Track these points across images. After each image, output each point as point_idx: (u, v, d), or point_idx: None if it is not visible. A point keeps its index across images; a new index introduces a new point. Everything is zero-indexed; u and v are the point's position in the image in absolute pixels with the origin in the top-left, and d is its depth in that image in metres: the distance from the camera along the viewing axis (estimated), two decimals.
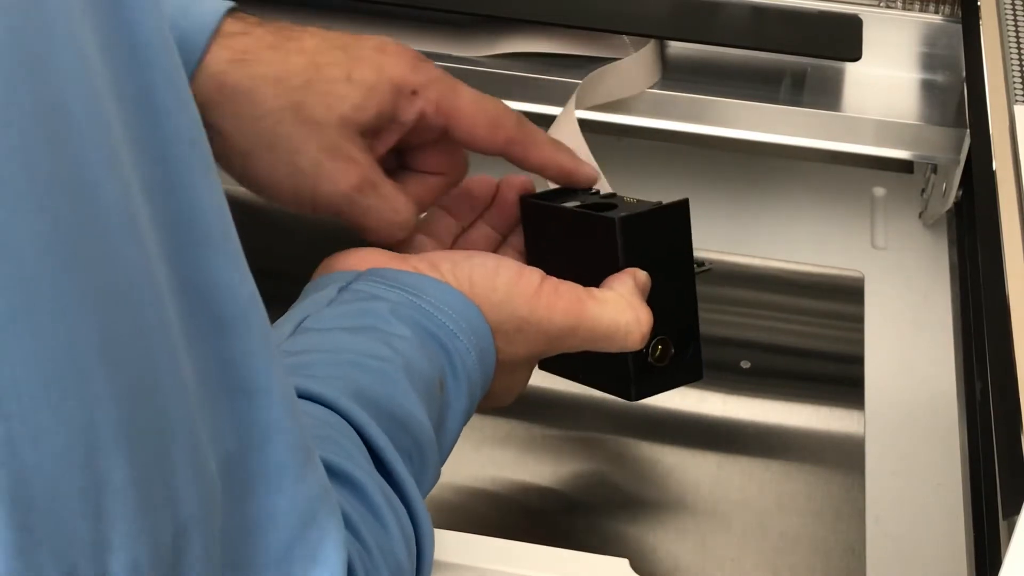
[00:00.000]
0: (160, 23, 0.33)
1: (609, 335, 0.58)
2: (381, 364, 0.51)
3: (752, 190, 0.85)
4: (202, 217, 0.34)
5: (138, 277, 0.32)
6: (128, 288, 0.32)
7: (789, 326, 0.78)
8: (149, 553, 0.33)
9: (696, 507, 0.68)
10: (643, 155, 0.86)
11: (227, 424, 0.36)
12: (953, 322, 0.76)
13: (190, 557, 0.34)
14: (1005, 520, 0.54)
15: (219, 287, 0.35)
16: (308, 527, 0.39)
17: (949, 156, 0.76)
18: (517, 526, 0.67)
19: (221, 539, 0.36)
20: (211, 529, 0.35)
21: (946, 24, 0.81)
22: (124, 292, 0.32)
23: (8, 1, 0.29)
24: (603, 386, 0.64)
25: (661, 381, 0.63)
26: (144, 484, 0.32)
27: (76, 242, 0.30)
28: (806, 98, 0.77)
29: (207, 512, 0.35)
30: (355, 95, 0.61)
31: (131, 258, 0.32)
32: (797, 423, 0.73)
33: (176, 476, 0.34)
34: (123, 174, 0.32)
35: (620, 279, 0.60)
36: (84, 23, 0.31)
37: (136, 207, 0.32)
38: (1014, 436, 0.53)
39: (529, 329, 0.57)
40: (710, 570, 0.65)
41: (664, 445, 0.71)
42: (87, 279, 0.30)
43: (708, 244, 0.81)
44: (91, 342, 0.31)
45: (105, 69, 0.31)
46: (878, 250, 0.82)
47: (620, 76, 0.76)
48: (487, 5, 0.79)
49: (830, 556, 0.66)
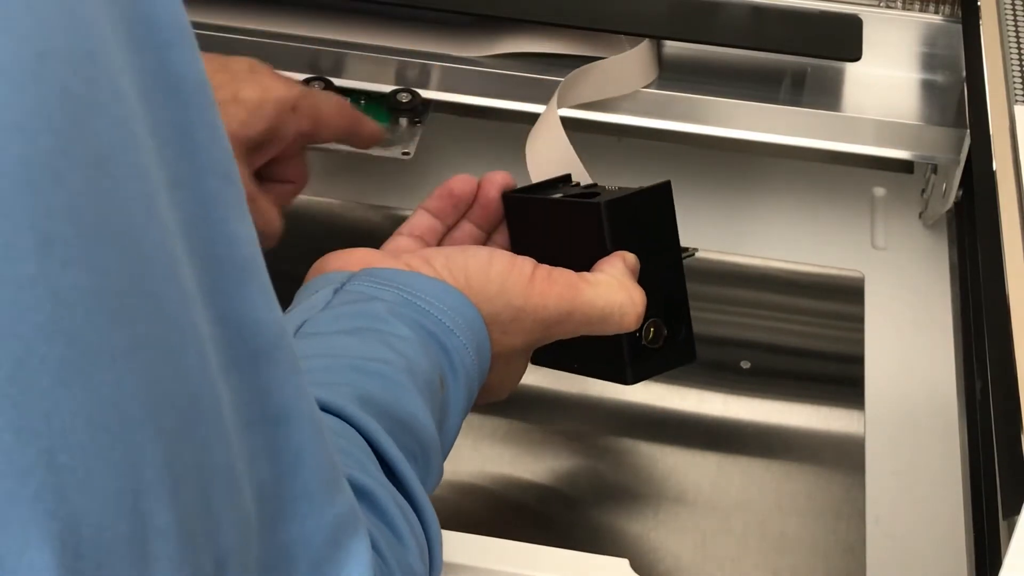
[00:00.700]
0: (196, 58, 0.33)
1: (604, 317, 0.58)
2: (383, 367, 0.51)
3: (752, 190, 0.85)
4: (237, 250, 0.35)
5: (180, 319, 0.32)
6: (171, 331, 0.32)
7: (789, 326, 0.78)
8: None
9: (696, 507, 0.68)
10: (643, 155, 0.86)
11: (261, 453, 0.36)
12: (953, 322, 0.76)
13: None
14: (1005, 520, 0.54)
15: (253, 319, 0.35)
16: (337, 547, 0.39)
17: (949, 156, 0.76)
18: (517, 526, 0.67)
19: (256, 567, 0.36)
20: (247, 559, 0.36)
21: (946, 24, 0.81)
22: (167, 336, 0.32)
23: (60, 57, 0.29)
24: (598, 373, 0.64)
25: (656, 364, 0.63)
26: (187, 523, 0.33)
27: (123, 293, 0.30)
28: (806, 98, 0.77)
29: (244, 542, 0.35)
30: (242, 114, 0.65)
31: (173, 301, 0.32)
32: (797, 423, 0.73)
33: (216, 510, 0.34)
34: (163, 217, 0.32)
35: (610, 262, 0.60)
36: (125, 64, 0.31)
37: (175, 247, 0.32)
38: (1014, 436, 0.53)
39: (525, 318, 0.58)
40: (710, 570, 0.65)
41: (664, 445, 0.71)
42: (133, 328, 0.31)
43: (708, 244, 0.81)
44: (136, 389, 0.31)
45: (143, 108, 0.32)
46: (878, 250, 0.82)
47: (606, 75, 0.76)
48: (487, 5, 0.79)
49: (830, 556, 0.66)
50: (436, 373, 0.53)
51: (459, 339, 0.55)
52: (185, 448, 0.33)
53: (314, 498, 0.38)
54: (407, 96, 0.77)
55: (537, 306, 0.57)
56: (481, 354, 0.56)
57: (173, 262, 0.32)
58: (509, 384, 0.62)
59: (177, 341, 0.32)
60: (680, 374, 0.74)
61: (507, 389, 0.62)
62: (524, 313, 0.57)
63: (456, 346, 0.55)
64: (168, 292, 0.32)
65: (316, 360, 0.51)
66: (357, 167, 0.83)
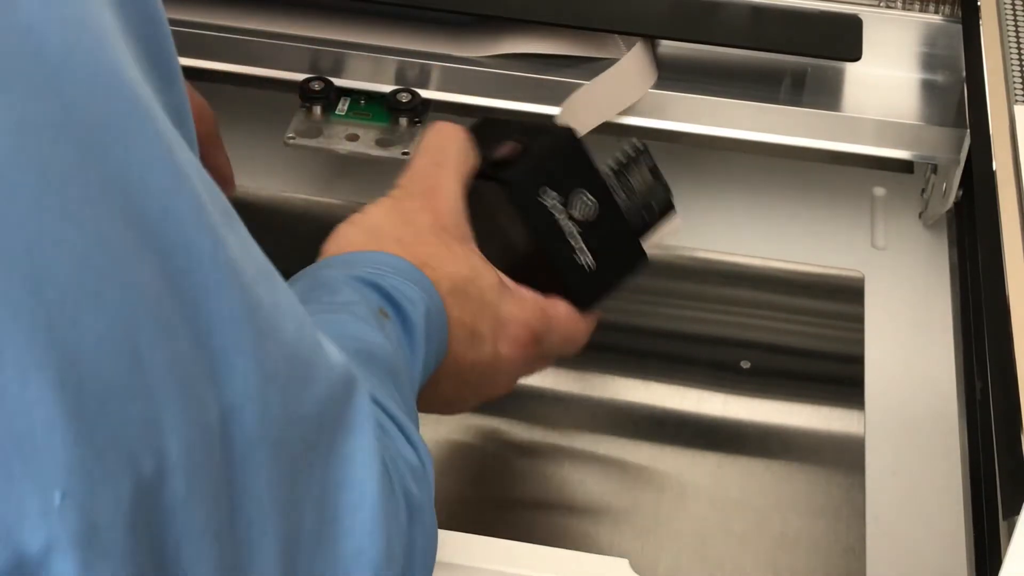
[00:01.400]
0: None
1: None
2: (319, 307, 0.50)
3: (752, 190, 0.85)
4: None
5: (153, 150, 0.33)
6: (143, 164, 0.33)
7: (789, 326, 0.78)
8: (200, 434, 0.33)
9: (696, 507, 0.68)
10: None
11: (263, 279, 0.37)
12: (953, 322, 0.76)
13: (239, 440, 0.35)
14: (1005, 520, 0.54)
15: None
16: (351, 391, 0.40)
17: (949, 156, 0.76)
18: (517, 526, 0.67)
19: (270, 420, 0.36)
20: (266, 408, 0.36)
21: (946, 24, 0.81)
22: (142, 170, 0.33)
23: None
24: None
25: (607, 282, 0.64)
26: (186, 365, 0.33)
27: (91, 126, 0.32)
28: (806, 98, 0.77)
29: (256, 392, 0.35)
30: None
31: (146, 134, 0.33)
32: (797, 423, 0.73)
33: (218, 355, 0.34)
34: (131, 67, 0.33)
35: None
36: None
37: (146, 92, 0.34)
38: (1014, 436, 0.53)
39: (487, 310, 0.57)
40: (710, 570, 0.65)
41: (664, 445, 0.71)
42: (105, 164, 0.31)
43: (708, 244, 0.81)
44: (116, 223, 0.31)
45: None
46: (878, 250, 0.82)
47: (607, 92, 0.75)
48: (487, 5, 0.79)
49: (830, 556, 0.66)
50: (374, 306, 0.52)
51: (393, 278, 0.53)
52: (180, 285, 0.33)
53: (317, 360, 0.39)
54: (407, 96, 0.77)
55: (499, 308, 0.58)
56: (428, 293, 0.54)
57: (147, 102, 0.33)
58: (463, 397, 0.61)
59: (155, 172, 0.33)
60: (680, 374, 0.74)
61: (462, 401, 0.61)
62: (487, 306, 0.58)
63: (392, 284, 0.53)
64: (141, 127, 0.33)
65: None
66: (357, 167, 0.83)
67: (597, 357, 0.75)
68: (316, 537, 0.39)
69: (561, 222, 0.61)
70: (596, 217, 0.62)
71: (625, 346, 0.77)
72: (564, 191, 0.61)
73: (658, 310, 0.79)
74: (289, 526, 0.37)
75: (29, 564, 0.30)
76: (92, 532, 0.30)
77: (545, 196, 0.61)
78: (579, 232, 0.61)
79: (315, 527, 0.39)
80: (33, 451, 0.29)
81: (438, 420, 0.68)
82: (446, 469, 0.54)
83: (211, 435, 0.34)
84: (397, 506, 0.43)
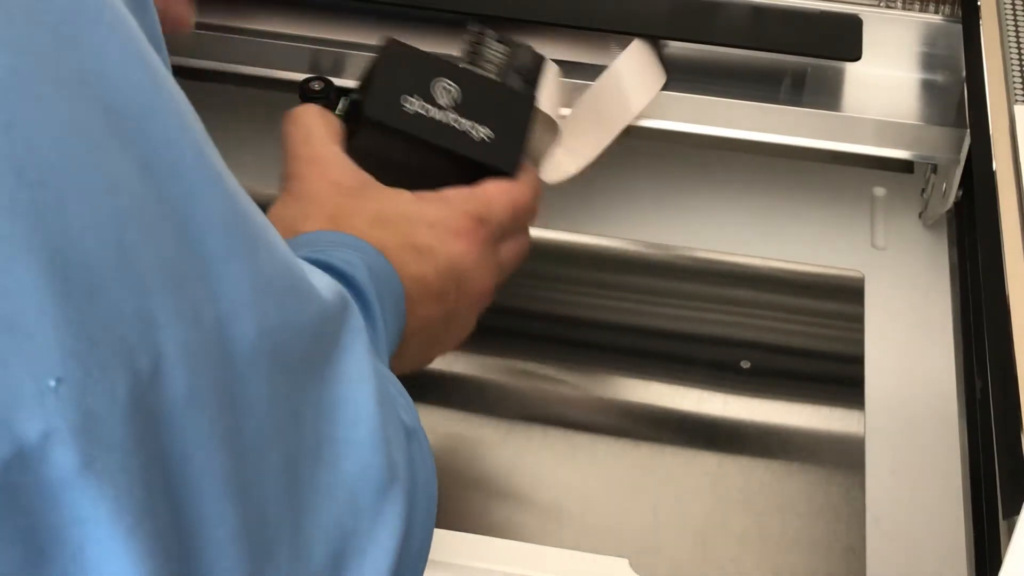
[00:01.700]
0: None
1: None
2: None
3: (752, 190, 0.85)
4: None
5: (126, 47, 0.33)
6: (117, 60, 0.33)
7: (789, 326, 0.78)
8: (197, 337, 0.33)
9: (696, 507, 0.68)
10: (643, 155, 0.86)
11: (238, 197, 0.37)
12: (953, 322, 0.76)
13: (238, 347, 0.35)
14: (1005, 520, 0.54)
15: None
16: (344, 311, 0.41)
17: (949, 156, 0.76)
18: (517, 526, 0.67)
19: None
20: (266, 314, 0.36)
21: (946, 24, 0.81)
22: (116, 67, 0.32)
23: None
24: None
25: (514, 137, 0.64)
26: (175, 265, 0.33)
27: (65, 15, 0.31)
28: (806, 98, 0.77)
29: (250, 298, 0.35)
30: None
31: (119, 29, 0.33)
32: (797, 423, 0.73)
33: (208, 260, 0.34)
34: None
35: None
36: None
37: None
38: (1014, 436, 0.53)
39: (416, 223, 0.58)
40: (710, 570, 0.65)
41: (664, 445, 0.71)
42: (79, 55, 0.31)
43: (708, 244, 0.81)
44: (94, 113, 0.31)
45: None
46: (878, 250, 0.82)
47: (606, 104, 0.74)
48: (487, 5, 0.78)
49: (830, 556, 0.66)
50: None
51: (325, 251, 0.52)
52: (165, 185, 0.33)
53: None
54: None
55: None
56: (362, 248, 0.54)
57: (121, 7, 0.33)
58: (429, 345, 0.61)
59: (126, 68, 0.32)
60: (680, 374, 0.74)
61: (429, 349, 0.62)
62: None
63: (329, 253, 0.52)
64: (116, 22, 0.33)
65: None
66: None
67: (597, 357, 0.75)
68: (316, 451, 0.39)
69: (436, 117, 0.62)
70: (464, 95, 0.63)
71: (625, 346, 0.77)
72: (421, 90, 0.62)
73: (658, 310, 0.79)
74: (291, 438, 0.37)
75: (29, 454, 0.29)
76: (90, 422, 0.30)
77: (408, 104, 0.62)
78: (458, 115, 0.63)
79: (315, 441, 0.38)
80: (25, 336, 0.29)
81: (439, 419, 0.68)
82: (444, 469, 0.54)
83: (208, 339, 0.33)
84: (396, 426, 0.43)
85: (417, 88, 0.62)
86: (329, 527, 0.39)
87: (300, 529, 0.37)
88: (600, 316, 0.78)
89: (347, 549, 0.39)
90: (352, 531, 0.40)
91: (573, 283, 0.80)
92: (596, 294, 0.79)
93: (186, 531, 0.33)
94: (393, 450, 0.42)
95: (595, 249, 0.82)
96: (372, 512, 0.40)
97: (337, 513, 0.39)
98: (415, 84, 0.63)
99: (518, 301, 0.80)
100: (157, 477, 0.32)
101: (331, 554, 0.39)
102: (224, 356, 0.34)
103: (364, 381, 0.41)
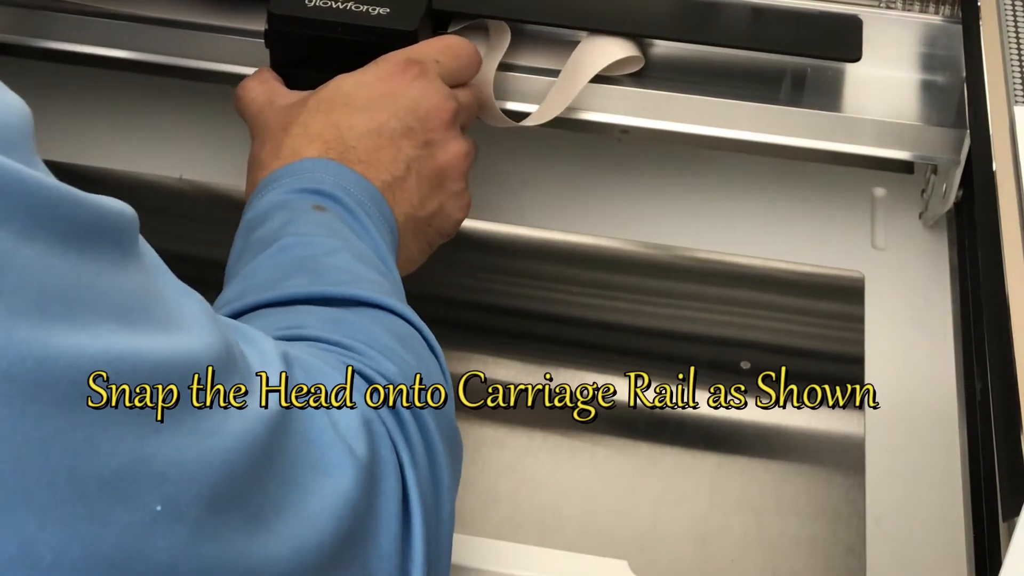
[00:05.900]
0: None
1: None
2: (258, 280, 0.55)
3: (752, 190, 0.85)
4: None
5: None
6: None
7: (789, 326, 0.78)
8: None
9: (696, 507, 0.68)
10: (643, 155, 0.86)
11: None
12: (953, 322, 0.76)
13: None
14: (1005, 521, 0.54)
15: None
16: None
17: (949, 156, 0.76)
18: (517, 527, 0.67)
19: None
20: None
21: (946, 24, 0.81)
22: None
23: None
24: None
25: (411, 10, 0.71)
26: None
27: None
28: (806, 98, 0.77)
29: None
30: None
31: None
32: (797, 423, 0.73)
33: None
34: None
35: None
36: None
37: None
38: (1014, 436, 0.53)
39: (352, 96, 0.65)
40: (710, 570, 0.65)
41: (664, 445, 0.71)
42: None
43: (708, 244, 0.81)
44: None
45: None
46: (878, 250, 0.82)
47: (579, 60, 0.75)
48: (487, 5, 0.78)
49: (830, 557, 0.66)
50: (304, 204, 0.58)
51: (300, 177, 0.60)
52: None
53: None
54: None
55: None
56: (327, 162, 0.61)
57: None
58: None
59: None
60: (680, 374, 0.74)
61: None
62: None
63: (304, 178, 0.60)
64: None
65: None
66: None
67: (598, 357, 0.75)
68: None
69: (335, 6, 0.69)
70: None
71: (625, 346, 0.77)
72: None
73: (658, 310, 0.79)
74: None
75: None
76: None
77: (309, 1, 0.70)
78: (356, 3, 0.70)
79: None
80: None
81: None
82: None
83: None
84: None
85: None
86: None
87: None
88: (600, 316, 0.78)
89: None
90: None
91: (573, 283, 0.80)
92: (596, 294, 0.80)
93: None
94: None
95: (595, 249, 0.82)
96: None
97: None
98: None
99: (518, 301, 0.80)
100: None
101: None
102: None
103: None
